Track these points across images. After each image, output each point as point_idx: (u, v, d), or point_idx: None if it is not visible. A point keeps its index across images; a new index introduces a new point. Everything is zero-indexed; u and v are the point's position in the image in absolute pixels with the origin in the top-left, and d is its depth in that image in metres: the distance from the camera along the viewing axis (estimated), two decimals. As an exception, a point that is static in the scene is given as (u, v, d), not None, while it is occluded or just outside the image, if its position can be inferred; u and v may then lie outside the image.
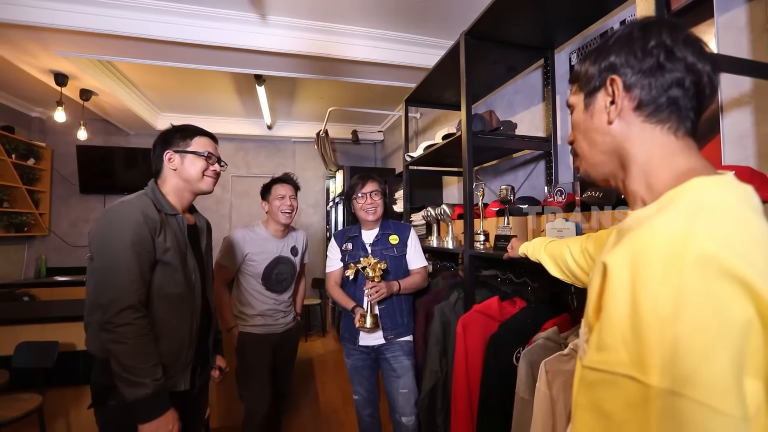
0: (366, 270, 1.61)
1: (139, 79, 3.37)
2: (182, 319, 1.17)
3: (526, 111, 2.08)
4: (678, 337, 0.37)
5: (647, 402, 0.38)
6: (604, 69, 0.55)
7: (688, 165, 0.50)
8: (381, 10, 2.30)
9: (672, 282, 0.38)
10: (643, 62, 0.51)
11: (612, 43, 0.55)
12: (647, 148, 0.53)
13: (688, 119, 0.52)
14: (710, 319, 0.36)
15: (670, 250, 0.40)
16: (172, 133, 1.24)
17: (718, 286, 0.37)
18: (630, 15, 1.45)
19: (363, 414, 1.82)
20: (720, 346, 0.36)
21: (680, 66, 0.50)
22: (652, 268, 0.40)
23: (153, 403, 1.01)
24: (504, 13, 1.51)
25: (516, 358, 1.36)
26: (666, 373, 0.37)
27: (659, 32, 0.51)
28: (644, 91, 0.52)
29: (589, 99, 0.58)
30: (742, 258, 0.37)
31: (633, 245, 0.43)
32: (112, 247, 1.03)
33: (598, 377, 0.43)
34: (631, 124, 0.54)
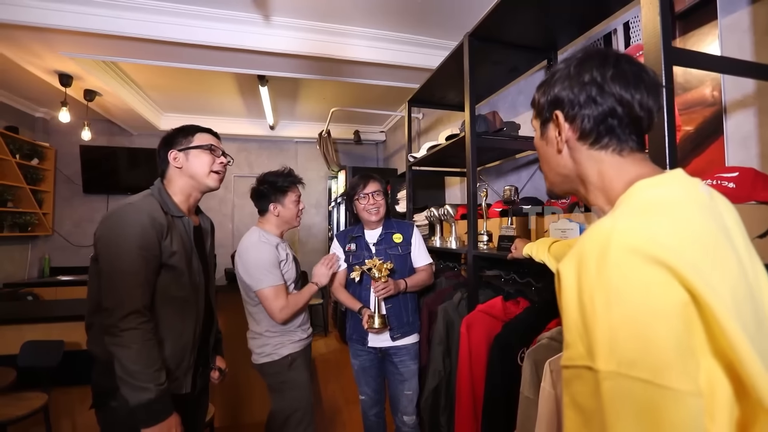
0: (372, 271, 1.61)
1: (142, 80, 3.38)
2: (186, 322, 1.17)
3: (530, 112, 2.08)
4: (615, 322, 0.40)
5: (598, 386, 0.41)
6: (550, 102, 0.61)
7: (637, 172, 0.55)
8: (383, 10, 2.31)
9: (602, 275, 0.42)
10: (579, 96, 0.57)
11: (555, 78, 0.61)
12: (596, 169, 0.58)
13: (630, 140, 0.57)
14: (642, 303, 0.40)
15: (599, 247, 0.44)
16: (174, 134, 1.24)
17: (646, 273, 0.40)
18: (633, 17, 1.46)
19: (369, 414, 1.83)
20: (657, 326, 0.39)
21: (610, 99, 0.55)
22: (588, 266, 0.44)
23: (156, 408, 1.00)
24: (507, 14, 1.52)
25: (520, 358, 1.37)
26: (611, 357, 0.40)
27: (590, 69, 0.56)
28: (584, 122, 0.57)
29: (543, 128, 0.65)
30: (667, 247, 0.41)
31: (576, 250, 0.47)
32: (119, 250, 1.02)
33: (568, 373, 0.46)
34: (578, 151, 0.60)
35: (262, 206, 1.65)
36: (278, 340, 1.57)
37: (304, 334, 1.65)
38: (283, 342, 1.57)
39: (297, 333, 1.61)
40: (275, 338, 1.57)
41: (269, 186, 1.63)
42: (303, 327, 1.65)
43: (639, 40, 1.45)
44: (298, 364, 1.59)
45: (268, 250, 1.56)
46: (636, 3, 1.42)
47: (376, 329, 1.61)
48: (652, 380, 0.38)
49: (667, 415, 0.38)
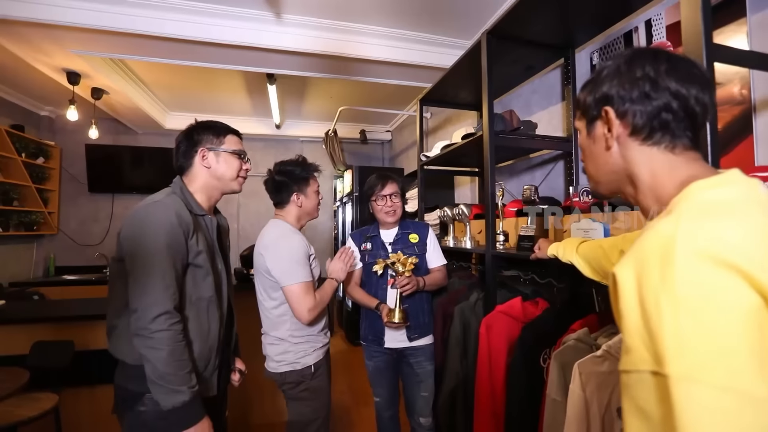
0: (396, 265, 1.59)
1: (149, 78, 3.36)
2: (212, 322, 1.15)
3: (544, 111, 2.07)
4: (685, 327, 0.39)
5: (669, 391, 0.39)
6: (598, 100, 0.61)
7: (690, 173, 0.54)
8: (396, 9, 2.29)
9: (668, 279, 0.41)
10: (632, 92, 0.56)
11: (604, 75, 0.60)
12: (648, 167, 0.57)
13: (684, 136, 0.56)
14: (712, 308, 0.39)
15: (663, 252, 0.43)
16: (202, 130, 1.21)
17: (715, 277, 0.39)
18: (656, 14, 1.44)
19: (384, 416, 1.81)
20: (729, 331, 0.38)
21: (665, 94, 0.54)
22: (651, 272, 0.43)
23: (189, 411, 0.99)
24: (527, 12, 1.50)
25: (543, 359, 1.35)
26: (681, 361, 0.39)
27: (642, 65, 0.56)
28: (636, 117, 0.56)
29: (590, 126, 0.64)
30: (736, 250, 0.39)
31: (635, 254, 0.46)
32: (148, 250, 1.00)
33: (630, 378, 0.45)
34: (629, 148, 0.58)
35: (281, 198, 1.56)
36: (302, 348, 1.48)
37: (326, 338, 1.59)
38: (306, 350, 1.49)
39: (320, 338, 1.54)
40: (300, 345, 1.48)
41: (289, 176, 1.54)
42: (324, 331, 1.58)
43: (662, 37, 1.43)
44: (322, 371, 1.53)
45: (300, 241, 1.48)
46: (658, 1, 1.41)
47: (396, 324, 1.58)
48: (728, 385, 0.37)
49: (743, 421, 0.37)
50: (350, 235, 1.87)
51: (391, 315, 1.59)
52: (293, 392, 1.51)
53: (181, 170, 1.21)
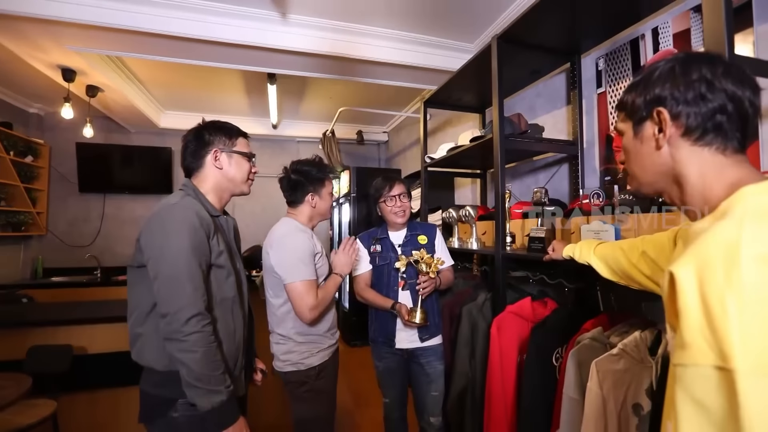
0: (420, 264, 1.60)
1: (146, 76, 3.31)
2: (237, 322, 1.15)
3: (548, 114, 2.11)
4: (750, 325, 0.42)
5: (734, 385, 0.41)
6: (650, 101, 0.61)
7: (738, 176, 0.56)
8: (400, 11, 2.31)
9: (734, 281, 0.43)
10: (687, 94, 0.57)
11: (656, 77, 0.61)
12: (698, 168, 0.58)
13: (735, 138, 0.57)
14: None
15: (727, 254, 0.45)
16: (214, 131, 1.19)
17: None
18: (663, 22, 1.49)
19: (393, 417, 1.81)
20: None
21: (721, 95, 0.56)
22: (714, 273, 0.45)
23: (227, 410, 0.99)
24: (537, 17, 1.53)
25: (556, 358, 1.38)
26: (746, 357, 0.41)
27: (699, 67, 0.57)
28: (690, 119, 0.58)
29: (637, 127, 0.64)
30: None
31: (695, 255, 0.48)
32: (174, 254, 0.99)
33: (687, 372, 0.47)
34: (680, 148, 0.60)
35: (296, 197, 1.56)
36: (306, 348, 1.47)
37: (333, 339, 1.57)
38: (311, 350, 1.48)
39: (326, 339, 1.53)
40: (304, 345, 1.47)
41: (306, 176, 1.55)
42: (331, 331, 1.57)
43: (668, 45, 1.47)
44: (328, 372, 1.52)
45: (305, 239, 1.47)
46: (666, 9, 1.45)
47: (417, 323, 1.58)
48: None
49: None
50: (358, 237, 1.86)
51: (412, 315, 1.59)
52: (297, 392, 1.50)
53: (189, 171, 1.20)
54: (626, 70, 1.65)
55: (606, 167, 1.74)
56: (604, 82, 1.74)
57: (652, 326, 1.17)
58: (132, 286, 1.10)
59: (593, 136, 1.80)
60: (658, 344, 1.10)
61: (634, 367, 1.08)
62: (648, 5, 1.45)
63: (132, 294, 1.09)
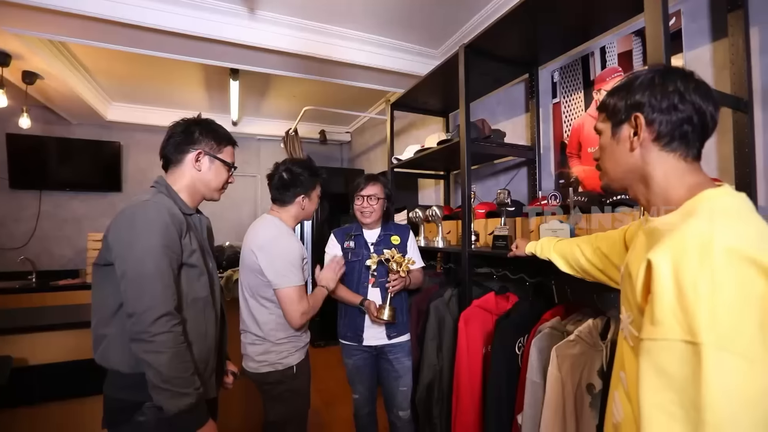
0: (390, 263, 1.64)
1: (93, 64, 3.07)
2: (208, 324, 1.13)
3: (508, 121, 2.25)
4: (716, 307, 0.50)
5: (700, 357, 0.50)
6: (630, 106, 0.69)
7: (696, 181, 0.66)
8: (371, 15, 2.35)
9: (706, 269, 0.51)
10: (662, 103, 0.66)
11: (638, 84, 0.69)
12: (663, 170, 0.67)
13: (695, 147, 0.67)
14: (738, 292, 0.50)
15: (701, 246, 0.53)
16: (205, 131, 1.17)
17: (742, 269, 0.51)
18: (609, 42, 1.66)
19: (362, 413, 1.85)
20: (748, 311, 0.50)
21: (690, 107, 0.65)
22: (689, 260, 0.53)
23: (196, 413, 0.97)
24: (501, 31, 1.64)
25: (518, 347, 1.49)
26: (711, 332, 0.49)
27: (675, 80, 0.66)
28: (662, 126, 0.66)
29: (616, 129, 0.72)
30: (756, 248, 0.51)
31: (671, 245, 0.56)
32: (144, 251, 0.96)
33: (656, 346, 0.55)
34: (650, 151, 0.68)
35: (285, 197, 1.54)
36: (284, 348, 1.47)
37: (307, 337, 1.59)
38: (289, 350, 1.48)
39: (302, 338, 1.55)
40: (282, 345, 1.46)
41: (299, 177, 1.53)
42: (305, 329, 1.58)
43: (614, 63, 1.65)
44: (304, 371, 1.54)
45: (298, 244, 1.47)
46: (612, 31, 1.62)
47: (386, 320, 1.63)
48: (744, 353, 0.48)
49: (752, 380, 0.48)
50: (333, 232, 1.88)
51: (381, 312, 1.63)
52: (274, 392, 1.49)
53: (166, 161, 1.17)
54: (578, 83, 1.81)
55: (560, 171, 1.90)
56: (559, 93, 1.90)
57: (602, 314, 1.31)
58: (97, 286, 1.05)
59: (549, 142, 1.96)
60: (607, 330, 1.24)
61: (588, 351, 1.21)
62: (597, 27, 1.61)
63: (97, 294, 1.05)
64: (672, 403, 0.52)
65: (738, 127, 1.16)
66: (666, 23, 0.99)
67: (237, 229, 4.53)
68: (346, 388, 2.97)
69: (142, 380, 0.95)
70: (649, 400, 0.54)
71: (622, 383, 0.71)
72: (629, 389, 0.67)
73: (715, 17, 1.31)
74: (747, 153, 1.14)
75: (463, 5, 2.25)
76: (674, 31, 1.41)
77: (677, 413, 0.51)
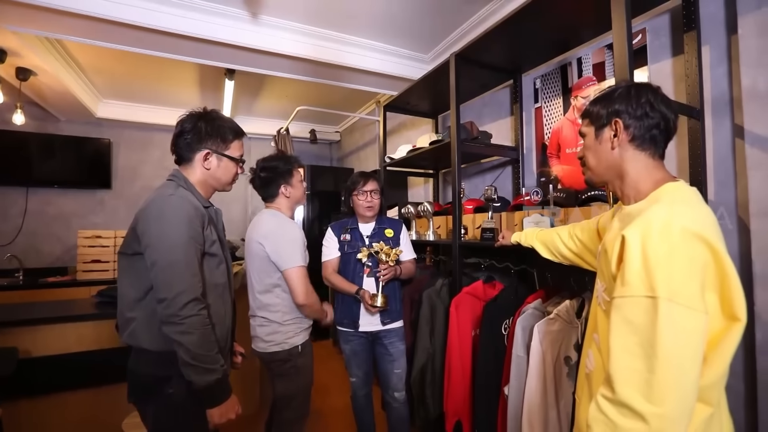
0: (380, 254, 1.77)
1: (87, 61, 3.08)
2: (227, 308, 1.23)
3: (494, 123, 2.42)
4: (671, 270, 0.66)
5: (656, 307, 0.65)
6: (610, 113, 0.85)
7: (661, 176, 0.82)
8: (371, 22, 2.47)
9: (665, 242, 0.67)
10: (636, 111, 0.82)
11: (616, 95, 0.85)
12: (636, 167, 0.83)
13: (661, 148, 0.84)
14: (688, 260, 0.66)
15: (663, 225, 0.69)
16: (212, 128, 1.20)
17: (692, 243, 0.67)
18: (585, 54, 1.83)
19: (359, 394, 1.97)
20: (692, 274, 0.65)
21: (658, 115, 0.81)
22: (653, 236, 0.69)
23: (222, 387, 1.08)
24: (489, 41, 1.80)
25: (504, 328, 1.65)
26: (666, 289, 0.64)
27: (646, 93, 0.83)
28: (636, 129, 0.82)
29: (599, 131, 0.88)
30: (704, 228, 0.68)
31: (640, 224, 0.72)
32: (173, 242, 1.05)
33: (624, 302, 0.70)
34: (626, 150, 0.84)
35: (270, 192, 1.67)
36: (290, 329, 1.61)
37: (311, 321, 1.72)
38: (294, 330, 1.61)
39: (306, 320, 1.67)
40: (288, 326, 1.60)
41: (274, 171, 1.66)
42: None
43: (589, 73, 1.82)
44: (307, 350, 1.66)
45: (298, 229, 1.63)
46: (588, 44, 1.80)
47: (379, 307, 1.76)
48: (687, 304, 0.64)
49: (691, 323, 0.64)
50: (330, 226, 2.00)
51: (374, 299, 1.76)
52: (281, 369, 1.62)
53: (179, 158, 1.23)
54: (557, 90, 1.99)
55: (541, 170, 2.07)
56: (540, 99, 2.08)
57: (578, 296, 1.48)
58: (123, 273, 1.14)
59: (531, 143, 2.13)
60: (582, 309, 1.41)
61: (565, 328, 1.37)
62: (574, 40, 1.79)
63: (123, 279, 1.14)
64: (634, 345, 0.67)
65: (692, 132, 1.35)
66: (630, 40, 1.16)
67: (228, 225, 4.54)
68: (339, 379, 3.10)
69: (169, 358, 1.05)
70: (617, 344, 0.70)
71: (595, 342, 0.86)
72: (601, 345, 0.83)
73: (674, 36, 1.50)
74: (699, 155, 1.32)
75: (451, 15, 2.41)
76: (641, 46, 1.59)
77: (637, 351, 0.67)
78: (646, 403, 0.64)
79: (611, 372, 0.69)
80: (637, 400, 0.64)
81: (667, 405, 0.62)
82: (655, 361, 0.64)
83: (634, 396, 0.65)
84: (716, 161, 1.37)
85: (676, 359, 0.63)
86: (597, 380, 0.83)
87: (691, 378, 0.64)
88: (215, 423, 1.08)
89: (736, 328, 0.67)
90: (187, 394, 1.08)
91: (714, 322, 0.68)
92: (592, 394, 0.83)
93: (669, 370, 0.63)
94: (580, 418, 0.89)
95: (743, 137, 1.26)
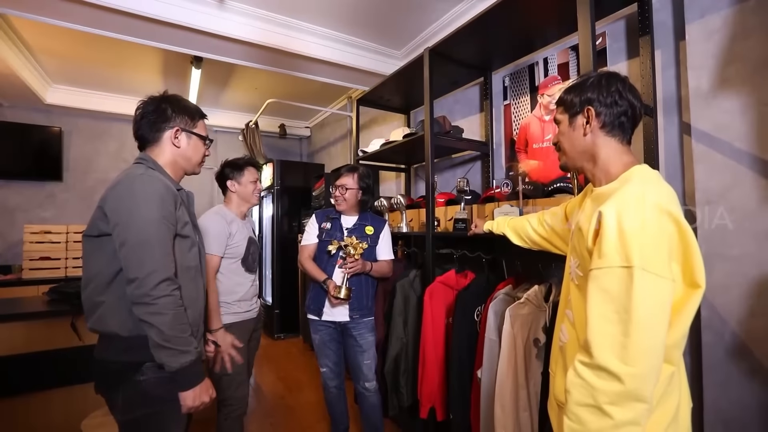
0: (348, 248, 1.77)
1: (36, 41, 2.85)
2: (199, 291, 1.19)
3: (465, 119, 2.49)
4: (643, 241, 0.72)
5: (631, 276, 0.71)
6: (583, 101, 0.92)
7: (629, 159, 0.89)
8: (338, 14, 2.47)
9: (638, 216, 0.74)
10: (607, 99, 0.89)
11: (588, 84, 0.92)
12: (606, 151, 0.90)
13: (628, 134, 0.91)
14: (658, 232, 0.72)
15: (637, 201, 0.76)
16: (178, 108, 1.19)
17: (661, 217, 0.73)
18: (551, 54, 1.94)
19: (330, 386, 1.96)
20: (661, 245, 0.73)
21: (626, 103, 0.88)
22: (628, 210, 0.75)
23: (195, 370, 1.04)
24: (461, 38, 1.86)
25: (476, 314, 1.71)
26: (640, 258, 0.70)
27: (616, 82, 0.90)
28: (606, 117, 0.89)
29: (572, 118, 0.94)
30: (670, 203, 0.76)
31: (616, 201, 0.78)
32: (145, 219, 1.01)
33: (601, 272, 0.76)
34: (598, 136, 0.90)
35: (224, 187, 1.84)
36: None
37: (240, 309, 1.76)
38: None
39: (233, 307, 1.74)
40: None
41: (227, 166, 1.84)
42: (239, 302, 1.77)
43: (554, 72, 1.93)
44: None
45: (218, 221, 1.73)
46: (553, 45, 1.90)
47: (341, 299, 1.75)
48: (657, 272, 0.71)
49: (660, 290, 0.71)
50: (315, 213, 1.99)
51: (337, 291, 1.75)
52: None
53: (143, 141, 1.20)
54: (525, 88, 2.08)
55: (510, 164, 2.16)
56: (509, 96, 2.17)
57: (545, 281, 1.56)
58: (89, 256, 1.08)
59: (500, 139, 2.21)
60: (549, 294, 1.49)
61: (534, 311, 1.45)
62: (540, 40, 1.88)
63: (90, 263, 1.08)
64: (611, 312, 0.73)
65: (646, 128, 1.46)
66: (594, 42, 1.24)
67: (191, 222, 4.39)
68: (309, 375, 3.08)
69: (140, 342, 1.01)
70: (594, 312, 0.75)
71: (568, 317, 0.92)
72: (575, 319, 0.89)
73: (630, 40, 1.62)
74: (653, 149, 1.44)
75: (423, 13, 2.46)
76: (601, 48, 1.70)
77: (613, 318, 0.72)
78: (621, 364, 0.69)
79: (589, 338, 0.74)
80: (613, 363, 0.70)
81: (640, 365, 0.68)
82: (630, 326, 0.70)
83: (610, 359, 0.70)
84: (667, 155, 1.49)
85: (648, 323, 0.70)
86: (571, 352, 0.88)
87: (660, 340, 0.70)
88: (189, 407, 1.04)
89: (696, 294, 0.75)
90: (159, 381, 1.04)
91: (677, 290, 0.75)
92: (567, 366, 0.88)
93: (642, 333, 0.69)
94: (556, 389, 0.94)
95: (690, 133, 1.38)
